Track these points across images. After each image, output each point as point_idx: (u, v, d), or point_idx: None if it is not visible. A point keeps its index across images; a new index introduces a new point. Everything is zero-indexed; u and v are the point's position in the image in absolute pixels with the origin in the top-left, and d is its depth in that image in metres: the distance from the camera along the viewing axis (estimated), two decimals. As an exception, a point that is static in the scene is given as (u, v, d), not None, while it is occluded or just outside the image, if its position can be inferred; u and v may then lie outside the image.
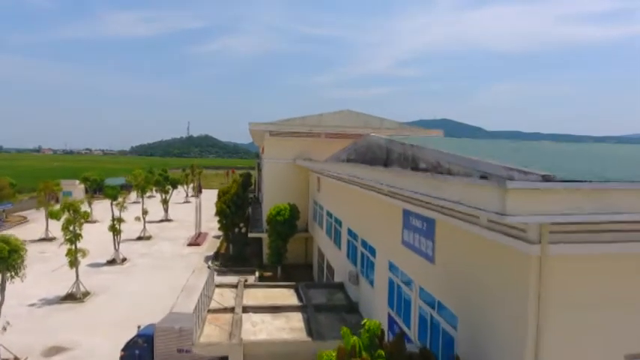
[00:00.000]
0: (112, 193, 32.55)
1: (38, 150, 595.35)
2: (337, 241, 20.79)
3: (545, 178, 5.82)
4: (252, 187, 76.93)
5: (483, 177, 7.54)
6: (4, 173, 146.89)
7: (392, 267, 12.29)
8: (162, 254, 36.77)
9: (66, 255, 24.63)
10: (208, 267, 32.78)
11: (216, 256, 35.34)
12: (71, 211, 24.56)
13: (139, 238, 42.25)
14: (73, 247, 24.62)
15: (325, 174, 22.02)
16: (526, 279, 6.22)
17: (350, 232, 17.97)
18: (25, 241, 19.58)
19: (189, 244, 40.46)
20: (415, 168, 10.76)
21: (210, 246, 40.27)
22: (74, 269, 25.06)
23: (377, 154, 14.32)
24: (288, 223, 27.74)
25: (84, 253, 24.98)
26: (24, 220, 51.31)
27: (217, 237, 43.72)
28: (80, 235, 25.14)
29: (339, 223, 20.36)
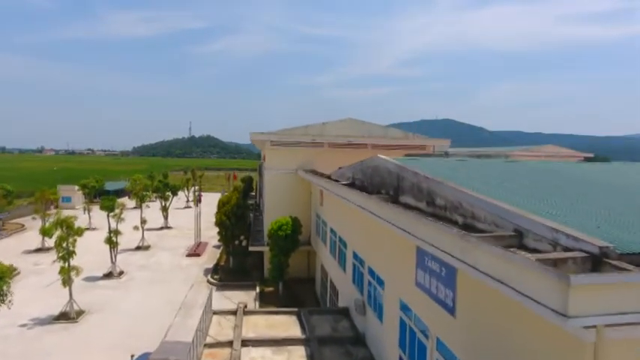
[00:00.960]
0: (108, 205, 31.51)
1: (40, 150, 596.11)
2: (342, 263, 19.75)
3: (604, 252, 4.78)
4: (254, 192, 75.98)
5: (518, 232, 6.51)
6: (5, 176, 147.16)
7: (404, 307, 11.24)
8: (160, 266, 35.81)
9: (59, 273, 23.65)
10: (207, 281, 31.82)
11: (215, 269, 34.32)
12: (64, 227, 23.56)
13: (138, 248, 41.33)
14: (67, 264, 23.62)
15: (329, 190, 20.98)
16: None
17: (356, 256, 16.93)
18: (12, 266, 18.59)
19: (189, 255, 39.49)
20: (431, 203, 9.70)
21: (210, 257, 39.28)
22: (67, 288, 24.11)
23: (386, 179, 13.26)
24: (290, 238, 26.68)
25: (77, 271, 24.00)
26: (21, 229, 50.40)
27: (217, 246, 42.73)
28: (74, 252, 24.13)
29: (343, 243, 19.31)
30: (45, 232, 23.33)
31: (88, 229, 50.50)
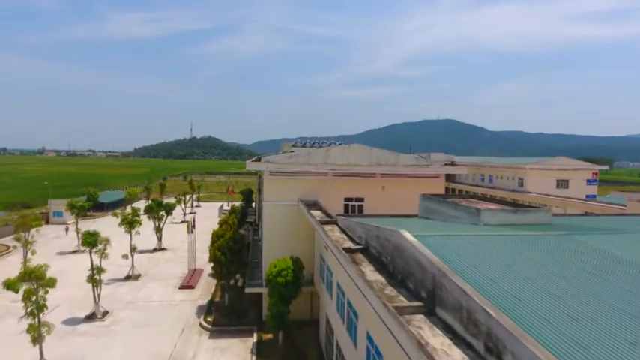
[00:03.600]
0: (90, 241, 28.45)
1: (42, 152, 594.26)
2: (352, 334, 16.70)
3: None
4: (253, 203, 72.91)
5: None
6: (2, 182, 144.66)
7: None
8: (149, 303, 32.72)
9: (27, 331, 20.69)
10: (200, 324, 28.81)
11: (209, 307, 31.30)
12: (33, 280, 20.58)
13: (127, 278, 38.37)
14: (36, 320, 20.67)
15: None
16: None
17: (371, 339, 13.88)
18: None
19: (182, 287, 36.44)
20: (494, 353, 6.67)
21: (204, 289, 36.25)
22: (37, 346, 21.16)
23: (415, 271, 10.24)
24: (291, 285, 23.69)
25: (49, 329, 21.05)
26: (5, 251, 47.28)
27: (213, 274, 39.78)
28: (45, 305, 21.16)
29: (354, 313, 16.26)
30: (9, 287, 20.38)
31: (75, 251, 47.79)
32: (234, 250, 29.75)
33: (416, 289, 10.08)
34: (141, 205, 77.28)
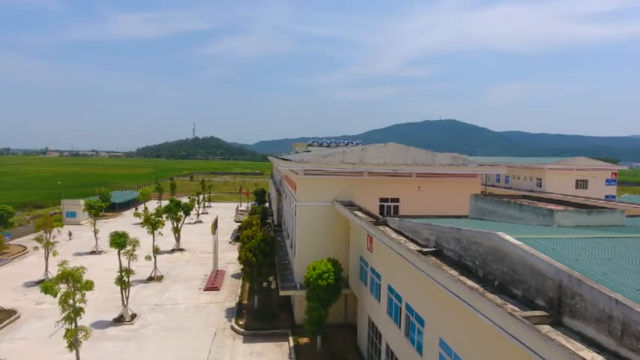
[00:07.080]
0: (119, 242, 27.71)
1: (45, 152, 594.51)
2: (413, 340, 15.92)
3: None
4: (266, 204, 72.30)
5: None
6: (7, 182, 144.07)
7: None
8: (175, 306, 31.92)
9: (64, 337, 19.93)
10: (232, 327, 28.05)
11: (239, 310, 30.52)
12: (70, 283, 19.84)
13: (150, 279, 37.62)
14: (73, 325, 19.91)
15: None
16: None
17: (446, 347, 13.10)
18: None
19: (207, 289, 35.65)
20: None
21: (229, 291, 35.47)
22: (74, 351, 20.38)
23: (526, 277, 9.40)
24: (332, 289, 22.95)
25: (87, 333, 20.27)
26: (22, 252, 46.55)
27: (236, 275, 39.08)
28: (82, 309, 20.42)
29: (419, 319, 15.49)
30: (46, 290, 19.66)
31: (93, 252, 47.04)
32: (265, 251, 28.98)
33: (526, 297, 9.27)
34: (152, 205, 76.89)
